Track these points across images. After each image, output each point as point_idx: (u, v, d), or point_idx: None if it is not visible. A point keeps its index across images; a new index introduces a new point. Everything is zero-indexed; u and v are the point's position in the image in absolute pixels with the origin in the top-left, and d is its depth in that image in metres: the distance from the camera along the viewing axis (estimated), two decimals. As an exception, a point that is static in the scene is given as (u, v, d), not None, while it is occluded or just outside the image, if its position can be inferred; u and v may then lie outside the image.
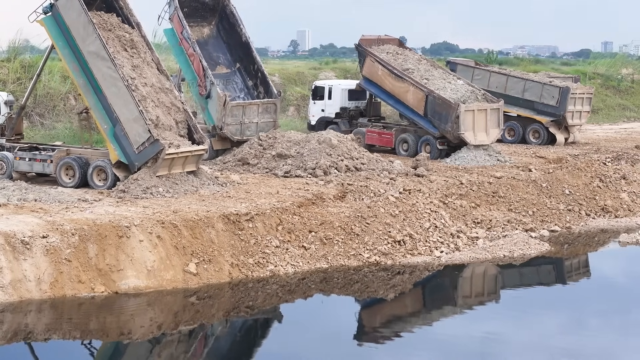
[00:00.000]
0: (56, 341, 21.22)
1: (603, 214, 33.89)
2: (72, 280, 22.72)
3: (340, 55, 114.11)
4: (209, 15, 41.00)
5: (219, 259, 24.69)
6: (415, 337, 22.16)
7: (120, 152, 29.50)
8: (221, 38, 41.22)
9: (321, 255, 26.44)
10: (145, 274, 23.42)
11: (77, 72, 30.22)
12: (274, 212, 26.92)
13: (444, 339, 21.86)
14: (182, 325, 22.42)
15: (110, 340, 21.52)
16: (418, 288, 26.37)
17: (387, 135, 40.98)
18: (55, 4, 30.32)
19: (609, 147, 44.02)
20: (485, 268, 27.70)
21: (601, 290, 27.15)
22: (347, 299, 25.40)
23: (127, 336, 21.73)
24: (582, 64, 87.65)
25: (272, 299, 24.47)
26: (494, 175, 34.34)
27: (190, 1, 40.19)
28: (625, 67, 78.31)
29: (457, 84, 39.74)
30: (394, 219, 28.37)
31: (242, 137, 37.04)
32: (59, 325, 21.64)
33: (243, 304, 23.89)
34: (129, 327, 22.14)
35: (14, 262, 22.41)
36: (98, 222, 24.11)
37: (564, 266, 29.53)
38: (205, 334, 22.27)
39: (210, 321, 23.02)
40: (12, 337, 21.00)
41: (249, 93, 39.96)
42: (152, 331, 22.03)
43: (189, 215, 25.42)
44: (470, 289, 27.15)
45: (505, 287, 27.22)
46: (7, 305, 21.85)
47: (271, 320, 23.70)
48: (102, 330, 21.84)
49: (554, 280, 28.81)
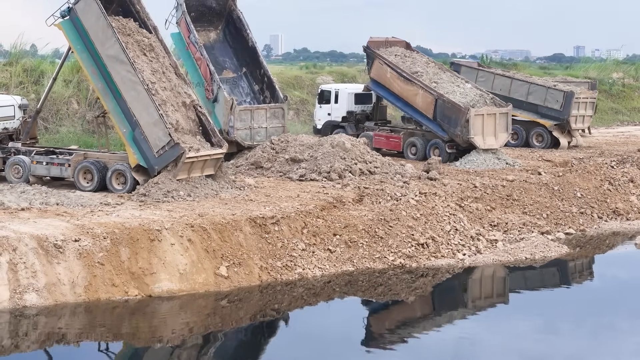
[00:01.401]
0: (90, 343, 21.27)
1: (615, 216, 34.25)
2: (106, 284, 22.76)
3: (314, 59, 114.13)
4: (215, 20, 41.16)
5: (248, 262, 24.79)
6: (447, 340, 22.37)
7: (140, 155, 29.53)
8: (227, 42, 41.41)
9: (347, 258, 26.59)
10: (178, 277, 23.49)
11: (96, 76, 30.25)
12: (298, 215, 27.04)
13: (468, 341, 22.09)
14: (215, 327, 22.53)
15: (143, 344, 21.58)
16: (454, 289, 26.80)
17: (395, 139, 41.16)
18: (74, 8, 30.35)
19: (612, 150, 44.33)
20: (521, 270, 28.19)
21: (630, 292, 27.47)
22: (370, 302, 25.51)
23: (161, 339, 21.76)
24: (558, 67, 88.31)
25: (297, 302, 24.58)
26: (506, 179, 34.60)
27: (198, 6, 40.34)
28: (616, 71, 78.86)
29: (465, 88, 39.96)
30: (415, 222, 28.54)
31: (253, 142, 37.19)
32: (93, 329, 21.66)
33: (269, 307, 24.00)
34: (162, 330, 22.19)
35: (47, 266, 22.43)
36: (128, 225, 24.14)
37: (591, 268, 30.11)
38: (229, 337, 22.34)
39: (239, 324, 23.11)
40: (46, 340, 21.10)
41: (255, 97, 40.13)
42: (185, 334, 22.09)
43: (216, 219, 25.50)
44: (512, 287, 27.53)
45: (545, 287, 27.86)
46: (43, 308, 21.88)
47: (285, 324, 23.73)
48: (134, 334, 21.89)
49: (581, 281, 29.16)
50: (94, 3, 30.02)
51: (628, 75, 78.02)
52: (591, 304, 25.85)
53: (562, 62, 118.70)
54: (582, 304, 26.05)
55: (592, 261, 30.59)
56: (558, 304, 25.80)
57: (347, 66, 66.80)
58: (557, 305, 25.61)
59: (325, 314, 24.47)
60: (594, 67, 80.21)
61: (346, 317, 24.41)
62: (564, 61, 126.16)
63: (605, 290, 27.60)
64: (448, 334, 22.71)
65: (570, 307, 25.45)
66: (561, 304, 25.92)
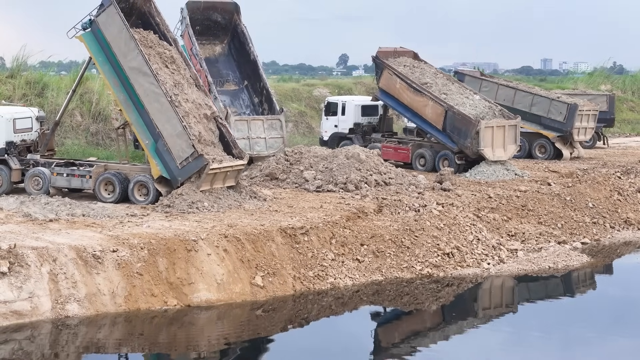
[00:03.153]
0: (135, 355, 21.42)
1: (626, 226, 34.71)
2: (145, 294, 22.92)
3: (283, 72, 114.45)
4: (221, 34, 41.53)
5: (282, 272, 25.03)
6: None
7: (162, 167, 29.67)
8: (232, 56, 41.80)
9: (375, 267, 26.88)
10: (216, 287, 23.68)
11: (117, 88, 30.39)
12: (325, 225, 27.30)
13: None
14: (262, 333, 22.78)
15: (184, 352, 21.74)
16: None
17: (403, 150, 41.47)
18: (95, 20, 30.48)
19: (614, 161, 44.85)
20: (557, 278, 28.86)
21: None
22: (395, 311, 25.84)
23: (204, 348, 21.94)
24: (531, 80, 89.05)
25: (325, 311, 24.81)
26: (519, 189, 34.99)
27: (203, 19, 40.71)
28: (603, 83, 79.68)
29: (474, 99, 40.33)
30: (440, 232, 28.87)
31: (252, 152, 37.43)
32: (141, 338, 21.87)
33: (301, 317, 24.24)
34: (206, 339, 22.37)
35: (87, 276, 22.57)
36: (162, 236, 24.31)
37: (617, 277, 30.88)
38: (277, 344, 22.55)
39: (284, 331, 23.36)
40: (99, 348, 21.39)
41: (254, 109, 40.51)
42: (236, 340, 22.30)
43: (248, 229, 25.71)
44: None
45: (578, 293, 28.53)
46: (84, 318, 22.02)
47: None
48: (174, 342, 22.05)
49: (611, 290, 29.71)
50: (116, 15, 30.19)
51: (616, 87, 78.84)
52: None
53: (531, 75, 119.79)
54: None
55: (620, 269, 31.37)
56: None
57: (298, 79, 66.99)
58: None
59: (356, 323, 24.75)
60: (582, 79, 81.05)
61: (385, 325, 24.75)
62: (532, 74, 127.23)
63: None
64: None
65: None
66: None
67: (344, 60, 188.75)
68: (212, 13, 41.16)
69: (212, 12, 41.11)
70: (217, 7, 41.14)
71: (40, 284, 21.92)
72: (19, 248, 22.33)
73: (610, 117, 54.07)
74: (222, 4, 41.21)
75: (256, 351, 22.14)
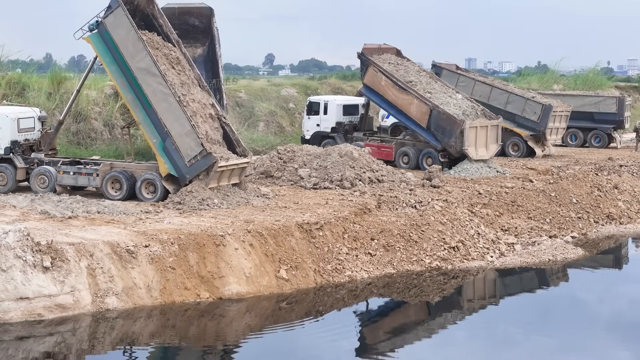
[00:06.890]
0: (168, 347, 22.15)
1: (609, 221, 36.18)
2: (179, 287, 23.70)
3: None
4: (202, 37, 41.96)
5: (303, 266, 25.98)
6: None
7: (170, 165, 30.38)
8: (208, 57, 42.40)
9: (387, 261, 27.93)
10: (245, 280, 24.55)
11: (125, 88, 31.04)
12: (337, 221, 28.27)
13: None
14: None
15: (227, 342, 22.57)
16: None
17: (387, 148, 42.55)
18: (103, 22, 31.09)
19: (585, 159, 46.44)
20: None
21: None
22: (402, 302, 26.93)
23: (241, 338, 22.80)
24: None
25: (338, 303, 25.78)
26: (505, 186, 36.27)
27: (180, 24, 41.07)
28: (556, 82, 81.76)
29: (457, 99, 41.54)
30: (443, 226, 30.04)
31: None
32: (182, 331, 22.59)
33: (316, 309, 25.20)
34: (242, 330, 23.23)
35: (122, 271, 23.28)
36: (187, 231, 25.09)
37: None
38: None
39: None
40: (150, 339, 22.24)
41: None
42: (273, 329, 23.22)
43: (267, 225, 26.59)
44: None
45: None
46: (123, 311, 22.73)
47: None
48: (227, 334, 23.04)
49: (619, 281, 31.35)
50: (124, 17, 30.84)
51: (567, 86, 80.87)
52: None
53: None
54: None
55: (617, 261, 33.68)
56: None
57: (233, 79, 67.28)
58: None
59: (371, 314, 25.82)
60: (535, 78, 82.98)
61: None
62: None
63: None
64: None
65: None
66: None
67: (270, 60, 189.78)
68: (188, 17, 41.62)
69: (188, 16, 41.57)
70: (192, 12, 41.52)
71: (80, 278, 22.58)
72: (57, 244, 22.94)
73: (619, 119, 54.10)
74: (197, 8, 41.68)
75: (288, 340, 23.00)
